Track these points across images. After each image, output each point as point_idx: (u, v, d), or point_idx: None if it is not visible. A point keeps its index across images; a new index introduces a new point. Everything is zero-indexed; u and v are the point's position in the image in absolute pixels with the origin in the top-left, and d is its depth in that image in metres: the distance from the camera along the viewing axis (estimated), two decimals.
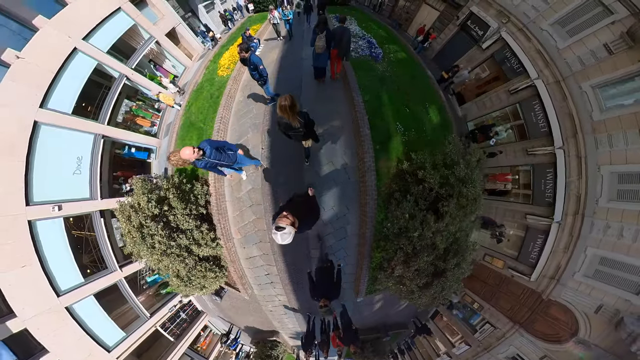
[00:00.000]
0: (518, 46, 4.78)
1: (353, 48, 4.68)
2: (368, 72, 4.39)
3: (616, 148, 3.52)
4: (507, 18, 5.05)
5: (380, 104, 3.85)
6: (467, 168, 2.57)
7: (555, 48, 4.26)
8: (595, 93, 3.77)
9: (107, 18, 4.69)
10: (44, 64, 3.78)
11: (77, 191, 4.11)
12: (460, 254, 2.64)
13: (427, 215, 2.53)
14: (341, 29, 3.02)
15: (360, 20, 6.56)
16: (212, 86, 4.86)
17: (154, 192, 3.01)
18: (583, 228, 3.76)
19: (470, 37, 6.03)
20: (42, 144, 3.69)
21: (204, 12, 7.73)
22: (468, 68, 6.36)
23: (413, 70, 5.32)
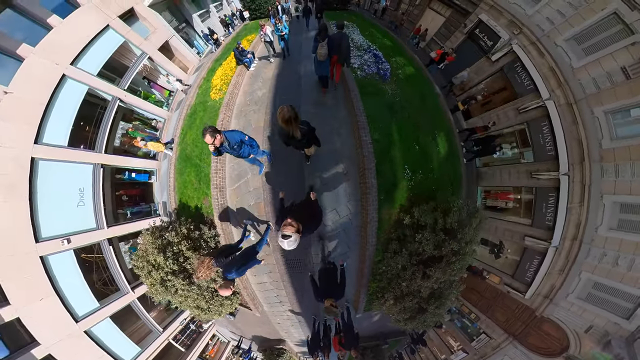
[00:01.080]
0: (530, 61, 4.52)
1: (359, 65, 4.44)
2: (376, 97, 4.07)
3: (622, 178, 3.49)
4: (519, 29, 4.73)
5: (389, 143, 3.58)
6: (463, 240, 2.68)
7: (570, 67, 4.04)
8: (607, 119, 3.65)
9: (95, 38, 4.41)
10: (33, 97, 3.63)
11: (84, 222, 4.16)
12: (441, 299, 3.00)
13: (416, 272, 2.86)
14: (339, 34, 3.05)
15: (362, 27, 6.16)
16: (205, 112, 4.61)
17: (168, 249, 3.12)
18: (580, 253, 3.86)
19: (478, 47, 5.68)
20: (42, 180, 3.67)
21: (199, 22, 7.32)
22: (467, 69, 6.15)
23: (422, 87, 5.03)
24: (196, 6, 7.58)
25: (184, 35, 6.89)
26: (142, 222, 5.07)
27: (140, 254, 3.26)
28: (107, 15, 4.63)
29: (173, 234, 3.16)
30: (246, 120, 4.10)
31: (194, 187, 4.06)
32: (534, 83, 4.48)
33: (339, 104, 3.91)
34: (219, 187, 3.59)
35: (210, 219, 3.69)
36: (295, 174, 3.44)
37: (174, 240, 3.10)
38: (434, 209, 2.94)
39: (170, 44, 6.04)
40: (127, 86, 5.04)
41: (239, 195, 3.67)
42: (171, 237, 3.11)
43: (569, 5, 4.05)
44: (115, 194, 5.01)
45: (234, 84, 4.48)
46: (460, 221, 2.76)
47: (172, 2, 6.51)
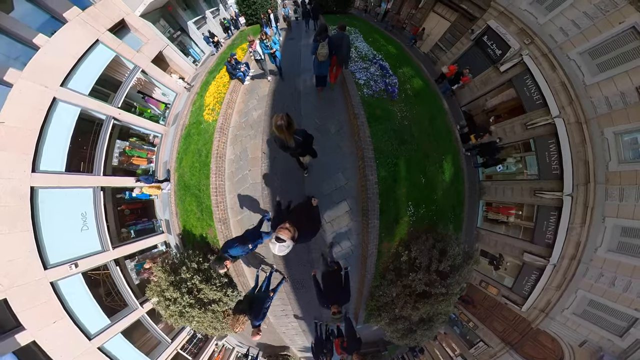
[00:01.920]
0: (541, 75, 4.32)
1: (365, 81, 4.22)
2: (385, 123, 3.77)
3: (626, 202, 3.47)
4: (531, 39, 4.49)
5: (396, 180, 3.43)
6: (452, 284, 2.83)
7: (582, 83, 3.87)
8: (617, 141, 3.57)
9: (84, 55, 4.19)
10: (26, 124, 3.51)
11: (89, 246, 4.20)
12: (430, 323, 3.28)
13: (408, 302, 3.11)
14: (340, 35, 3.07)
15: (366, 33, 5.86)
16: (200, 136, 4.41)
17: (183, 285, 3.24)
18: (577, 272, 3.93)
19: (486, 55, 5.40)
20: (44, 208, 3.65)
21: (195, 29, 6.94)
22: (467, 69, 5.82)
23: (431, 105, 4.80)
24: (191, 13, 7.23)
25: (179, 44, 6.59)
26: (147, 241, 5.13)
27: (155, 290, 3.40)
28: (96, 30, 4.38)
29: (184, 269, 3.26)
30: (242, 147, 3.91)
31: (197, 217, 4.05)
32: (543, 98, 4.32)
33: (343, 130, 3.62)
34: (222, 220, 3.58)
35: (217, 248, 3.74)
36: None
37: (187, 276, 3.22)
38: (432, 246, 3.05)
39: (164, 55, 5.75)
40: (121, 103, 4.85)
41: (243, 227, 3.70)
42: (184, 274, 3.22)
43: (584, 16, 3.80)
44: (117, 209, 5.01)
45: (227, 103, 4.19)
46: (453, 266, 2.87)
47: (166, 10, 6.16)
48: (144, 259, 5.27)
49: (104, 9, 4.55)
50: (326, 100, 3.94)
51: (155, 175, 5.20)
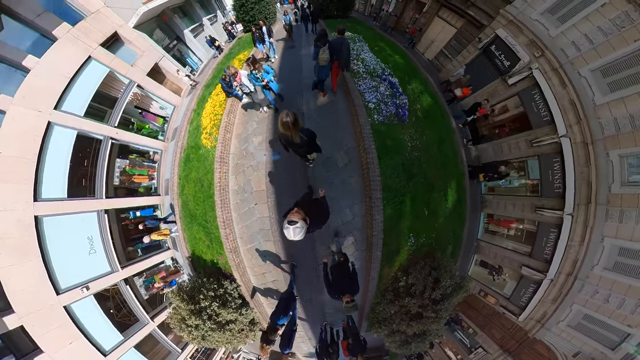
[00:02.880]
0: (550, 91, 4.20)
1: (375, 104, 3.96)
2: (395, 155, 3.64)
3: (625, 224, 3.53)
4: (541, 51, 4.32)
5: (400, 215, 3.48)
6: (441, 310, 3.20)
7: (592, 102, 3.79)
8: (621, 164, 3.56)
9: (77, 73, 4.02)
10: (23, 153, 3.44)
11: (98, 268, 4.27)
12: (423, 336, 3.64)
13: (403, 320, 3.45)
14: (340, 40, 3.10)
15: (370, 41, 5.62)
16: (199, 163, 4.24)
17: (204, 313, 3.45)
18: (573, 287, 4.08)
19: (493, 66, 5.20)
20: (50, 236, 3.67)
21: (191, 37, 6.65)
22: (463, 66, 5.81)
23: (440, 126, 4.65)
24: (188, 20, 6.87)
25: (176, 53, 6.32)
26: (154, 258, 5.23)
27: (176, 318, 3.59)
28: (87, 45, 4.17)
29: (202, 297, 3.45)
30: (245, 178, 3.78)
31: (206, 245, 4.09)
32: (551, 115, 4.24)
33: (352, 163, 3.49)
34: (233, 250, 3.66)
35: (229, 272, 3.85)
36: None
37: (205, 305, 3.43)
38: (428, 274, 3.38)
39: (160, 67, 5.54)
40: (118, 120, 4.72)
41: (253, 255, 3.82)
42: (203, 303, 3.42)
43: (598, 31, 3.65)
44: (122, 224, 4.99)
45: (224, 127, 3.94)
46: (444, 295, 3.24)
47: (161, 20, 5.84)
48: (152, 275, 5.38)
49: (95, 22, 4.31)
50: (333, 123, 3.79)
51: (161, 219, 4.93)
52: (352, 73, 4.26)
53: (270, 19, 6.84)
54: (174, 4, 6.11)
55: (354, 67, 4.41)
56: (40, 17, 3.71)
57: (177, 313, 3.58)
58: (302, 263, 3.63)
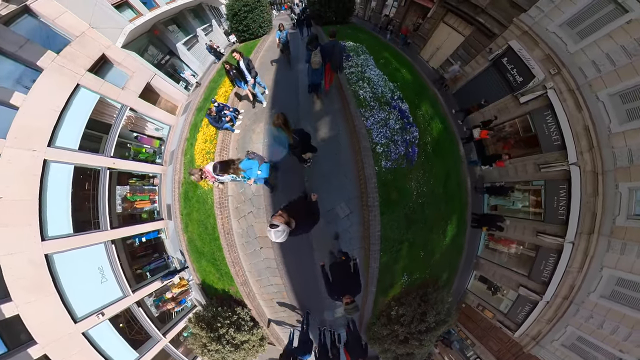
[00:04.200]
0: (564, 113, 3.95)
1: (383, 147, 3.61)
2: (398, 209, 3.48)
3: (626, 256, 3.53)
4: (557, 69, 4.02)
5: (396, 260, 3.52)
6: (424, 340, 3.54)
7: (607, 130, 3.59)
8: (630, 197, 3.47)
9: (67, 104, 3.87)
10: (23, 195, 3.44)
11: (111, 294, 4.45)
12: (411, 355, 3.98)
13: (393, 342, 3.80)
14: (332, 43, 3.11)
15: (374, 52, 5.20)
16: (199, 204, 4.15)
17: (223, 339, 3.75)
18: (569, 311, 4.19)
19: (504, 79, 4.87)
20: (62, 271, 3.79)
21: (185, 51, 6.26)
22: (458, 62, 5.58)
23: (449, 158, 4.42)
24: (183, 32, 6.48)
25: (170, 68, 6.01)
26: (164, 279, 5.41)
27: (198, 344, 3.94)
28: (74, 73, 3.98)
29: (219, 325, 3.76)
30: (247, 223, 3.67)
31: (217, 278, 4.21)
32: (562, 139, 4.04)
33: (353, 214, 3.38)
34: (243, 283, 3.84)
35: (240, 298, 4.06)
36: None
37: (223, 332, 3.76)
38: (418, 305, 3.70)
39: (152, 85, 5.30)
40: (114, 149, 4.61)
41: (262, 285, 3.99)
42: (221, 330, 3.75)
43: (621, 51, 3.36)
44: (129, 251, 5.14)
45: None
46: (428, 328, 3.57)
47: (153, 35, 5.49)
48: (162, 294, 5.64)
49: (80, 47, 4.08)
50: (334, 164, 3.53)
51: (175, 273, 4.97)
52: (358, 101, 3.91)
53: (265, 27, 6.40)
54: (165, 17, 5.71)
55: (360, 93, 4.06)
56: (23, 49, 3.50)
57: (197, 340, 3.95)
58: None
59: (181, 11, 6.18)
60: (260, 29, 6.28)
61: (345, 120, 3.84)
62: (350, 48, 5.15)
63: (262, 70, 5.10)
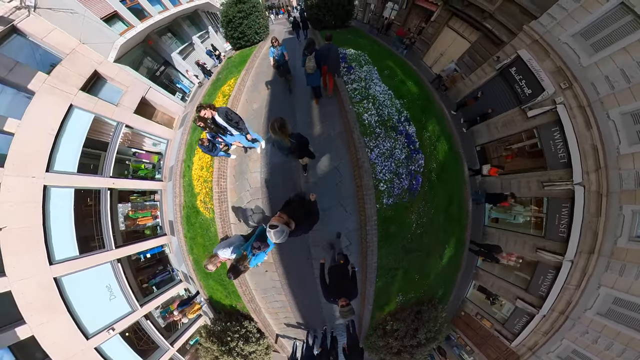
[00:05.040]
0: (573, 131, 3.80)
1: (386, 183, 3.37)
2: (396, 242, 3.44)
3: (625, 277, 3.54)
4: (569, 83, 3.83)
5: (391, 284, 3.61)
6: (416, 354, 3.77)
7: (616, 150, 3.48)
8: (633, 219, 3.43)
9: (62, 125, 3.81)
10: (27, 222, 3.48)
11: (120, 310, 4.62)
12: None
13: (388, 353, 4.01)
14: (327, 47, 3.12)
15: (377, 61, 4.90)
16: (202, 231, 4.09)
17: (233, 351, 3.98)
18: (564, 325, 4.28)
19: (511, 90, 4.65)
20: (72, 292, 3.92)
21: (180, 60, 6.04)
22: (454, 61, 5.45)
23: (452, 183, 4.19)
24: (178, 40, 6.24)
25: (165, 79, 5.83)
26: (169, 292, 5.57)
27: (210, 357, 4.17)
28: (67, 93, 3.89)
29: (229, 339, 3.99)
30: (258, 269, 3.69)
31: (224, 295, 4.34)
32: (569, 157, 3.91)
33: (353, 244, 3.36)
34: (250, 300, 4.01)
35: (247, 313, 4.25)
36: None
37: (233, 345, 4.00)
38: (412, 321, 3.87)
39: (147, 99, 5.17)
40: (112, 168, 4.58)
41: (268, 300, 4.13)
42: (231, 344, 4.00)
43: (637, 67, 3.18)
44: (131, 258, 5.21)
45: (218, 199, 3.60)
46: (418, 343, 3.78)
47: (147, 45, 5.29)
48: (168, 305, 5.83)
49: (71, 65, 3.96)
50: (334, 192, 3.42)
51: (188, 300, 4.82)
52: (363, 127, 3.55)
53: (262, 33, 6.05)
54: (158, 27, 5.46)
55: (365, 117, 3.69)
56: (13, 72, 3.39)
57: (209, 353, 4.18)
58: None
59: (176, 19, 5.90)
60: (256, 35, 5.94)
61: (347, 148, 3.56)
62: (352, 57, 4.85)
63: (256, 82, 4.78)
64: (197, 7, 6.60)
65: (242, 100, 4.53)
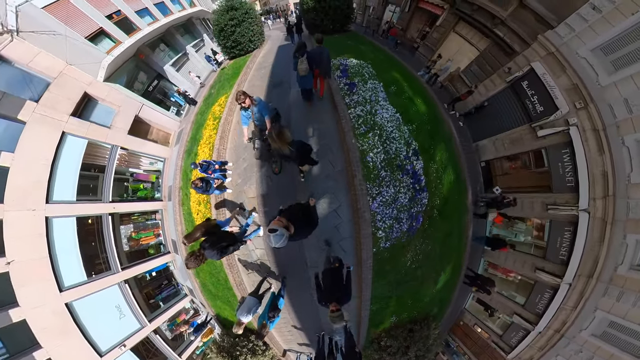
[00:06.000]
0: (584, 156, 3.60)
1: (386, 229, 3.20)
2: (389, 276, 3.43)
3: (622, 304, 3.56)
4: (584, 103, 3.58)
5: (385, 308, 3.66)
6: None
7: (627, 179, 3.33)
8: (636, 248, 3.37)
9: (56, 154, 3.75)
10: (33, 254, 3.56)
11: (130, 327, 4.85)
12: None
13: None
14: (319, 50, 3.10)
15: (382, 70, 4.54)
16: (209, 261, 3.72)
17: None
18: (559, 343, 4.39)
19: (521, 106, 4.37)
20: (83, 315, 4.10)
21: (174, 72, 5.78)
22: (451, 60, 5.24)
23: (454, 216, 4.05)
24: (172, 51, 5.95)
25: (159, 93, 5.62)
26: (175, 307, 5.79)
27: None
28: (58, 120, 3.79)
29: (238, 353, 4.23)
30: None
31: (232, 314, 4.47)
32: (576, 182, 3.76)
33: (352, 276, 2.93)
34: (255, 318, 3.98)
35: (253, 328, 4.40)
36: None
37: (242, 359, 4.26)
38: (405, 339, 3.98)
39: (141, 118, 5.03)
40: (112, 188, 4.57)
41: None
42: (240, 359, 4.26)
43: None
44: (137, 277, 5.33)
45: None
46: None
47: (138, 59, 5.04)
48: (175, 318, 6.09)
49: (60, 90, 3.81)
50: (332, 247, 3.27)
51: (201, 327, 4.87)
52: (367, 170, 3.19)
53: (256, 40, 5.69)
54: (149, 39, 5.16)
55: (370, 157, 3.28)
56: (1, 103, 3.29)
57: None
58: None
59: (168, 29, 5.57)
60: (250, 43, 5.56)
61: (347, 190, 3.23)
62: (354, 70, 4.38)
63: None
64: (191, 15, 6.22)
65: (233, 123, 4.18)
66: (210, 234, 2.26)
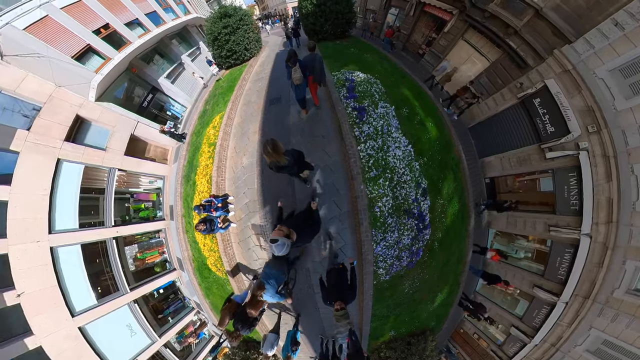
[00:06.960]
0: (591, 181, 3.54)
1: (387, 267, 3.18)
2: (389, 300, 3.50)
3: (616, 325, 3.69)
4: (597, 127, 3.45)
5: (383, 325, 3.75)
6: None
7: (632, 207, 3.31)
8: (635, 274, 3.43)
9: (53, 182, 3.67)
10: (42, 284, 3.60)
11: (141, 343, 5.03)
12: None
13: None
14: (311, 56, 3.09)
15: (391, 84, 4.31)
16: (218, 288, 4.22)
17: None
18: (555, 356, 4.56)
19: (531, 124, 4.20)
20: (97, 337, 4.24)
21: (168, 84, 5.51)
22: (448, 60, 5.10)
23: (454, 245, 4.04)
24: (167, 61, 5.63)
25: (155, 107, 5.39)
26: (183, 320, 5.95)
27: None
28: (52, 147, 3.68)
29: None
30: None
31: None
32: (580, 206, 3.74)
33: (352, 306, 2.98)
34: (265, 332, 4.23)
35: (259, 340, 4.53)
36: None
37: None
38: (402, 351, 4.11)
39: (136, 136, 4.86)
40: (113, 209, 4.54)
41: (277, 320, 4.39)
42: None
43: None
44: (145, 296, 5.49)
45: (228, 263, 3.57)
46: None
47: (131, 74, 4.79)
48: (183, 330, 6.28)
49: (51, 115, 3.66)
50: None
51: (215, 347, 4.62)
52: (374, 217, 3.04)
53: (253, 48, 5.34)
54: (141, 52, 4.86)
55: (378, 206, 3.10)
56: None
57: None
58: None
59: (162, 39, 5.21)
60: (246, 51, 5.20)
61: (352, 230, 3.09)
62: (362, 87, 3.94)
63: (245, 120, 4.09)
64: (186, 23, 5.80)
65: (230, 149, 3.89)
66: (236, 315, 2.50)
